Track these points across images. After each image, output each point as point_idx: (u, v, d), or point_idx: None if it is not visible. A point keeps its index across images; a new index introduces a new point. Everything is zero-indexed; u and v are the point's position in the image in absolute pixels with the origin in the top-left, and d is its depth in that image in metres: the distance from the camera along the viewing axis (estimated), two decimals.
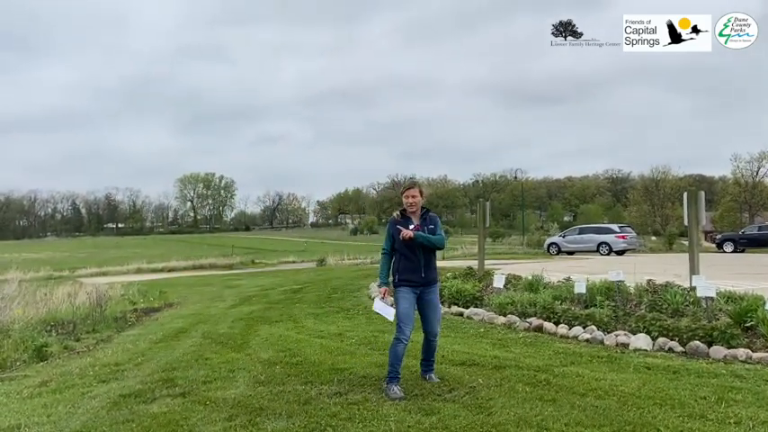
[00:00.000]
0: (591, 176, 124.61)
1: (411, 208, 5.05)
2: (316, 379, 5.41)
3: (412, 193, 5.03)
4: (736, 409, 4.14)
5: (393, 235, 5.01)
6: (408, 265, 4.96)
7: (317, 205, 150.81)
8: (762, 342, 5.88)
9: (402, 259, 4.98)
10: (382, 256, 5.08)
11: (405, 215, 5.07)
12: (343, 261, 31.81)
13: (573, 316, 7.27)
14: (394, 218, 5.08)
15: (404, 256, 4.97)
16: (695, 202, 8.70)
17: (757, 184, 60.73)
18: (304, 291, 14.12)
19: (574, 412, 4.17)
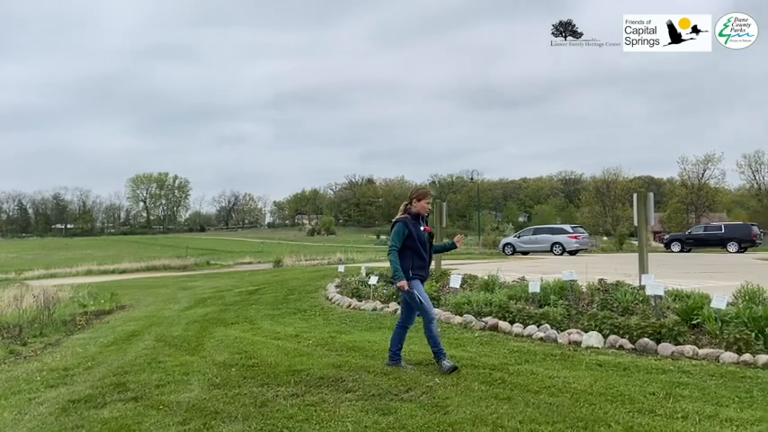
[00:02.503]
0: (545, 178, 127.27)
1: (425, 212, 5.67)
2: (272, 381, 5.35)
3: (430, 200, 5.72)
4: (684, 404, 4.28)
5: (411, 233, 5.46)
6: (420, 263, 5.56)
7: (273, 206, 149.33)
8: (707, 339, 6.10)
9: (416, 257, 5.53)
10: (393, 252, 5.49)
11: (416, 217, 5.59)
12: (301, 262, 31.57)
13: (527, 315, 7.39)
14: (407, 218, 5.55)
15: (417, 254, 5.53)
16: (644, 204, 8.98)
17: (703, 186, 63.13)
18: (260, 292, 13.94)
19: (528, 410, 4.24)
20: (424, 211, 5.62)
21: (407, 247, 5.50)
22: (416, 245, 5.49)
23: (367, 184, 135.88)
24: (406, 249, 5.50)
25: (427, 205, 5.64)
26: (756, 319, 5.92)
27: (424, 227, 5.61)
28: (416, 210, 5.60)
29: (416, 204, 5.61)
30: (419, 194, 5.66)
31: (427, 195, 5.68)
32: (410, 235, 5.47)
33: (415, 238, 5.48)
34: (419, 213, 5.61)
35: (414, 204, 5.62)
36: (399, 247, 5.49)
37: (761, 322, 5.84)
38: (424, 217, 5.68)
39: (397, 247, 5.48)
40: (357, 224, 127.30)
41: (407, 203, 5.67)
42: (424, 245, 5.56)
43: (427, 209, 5.65)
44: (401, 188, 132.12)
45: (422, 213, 5.62)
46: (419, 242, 5.50)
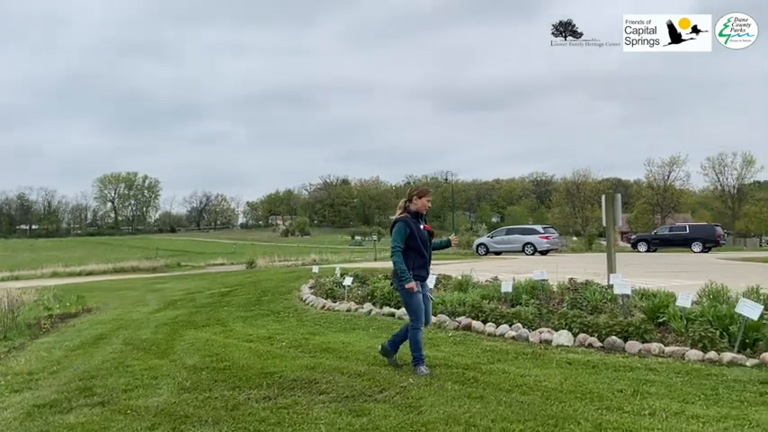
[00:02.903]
0: (517, 179, 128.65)
1: (425, 210, 5.56)
2: (244, 384, 5.30)
3: (430, 198, 5.62)
4: (651, 400, 4.37)
5: (412, 233, 5.38)
6: (420, 262, 5.47)
7: (246, 206, 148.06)
8: (673, 336, 6.23)
9: (417, 257, 5.44)
10: (398, 253, 5.39)
11: (416, 215, 5.51)
12: (274, 263, 31.35)
13: (500, 314, 7.46)
14: (407, 217, 5.47)
15: (418, 253, 5.45)
16: (612, 205, 9.14)
17: (668, 188, 64.52)
18: (232, 294, 13.80)
19: (500, 408, 4.28)
20: (424, 209, 5.53)
21: (409, 248, 5.41)
22: (418, 244, 5.41)
23: (342, 184, 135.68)
24: (407, 249, 5.41)
25: (428, 203, 5.55)
26: (721, 317, 6.06)
27: (423, 225, 5.53)
28: (416, 208, 5.51)
29: (417, 202, 5.51)
30: (420, 192, 5.57)
31: (428, 193, 5.60)
32: (412, 234, 5.39)
33: (417, 237, 5.40)
34: (419, 211, 5.52)
35: (414, 202, 5.52)
36: (403, 247, 5.38)
37: (725, 320, 5.99)
38: (423, 215, 5.59)
39: (400, 248, 5.37)
40: (332, 225, 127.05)
41: (407, 201, 5.58)
42: (425, 244, 5.49)
43: (428, 206, 5.55)
44: (376, 189, 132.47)
45: (421, 211, 5.53)
46: (420, 241, 5.42)
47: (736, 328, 5.77)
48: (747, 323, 5.67)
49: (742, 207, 64.98)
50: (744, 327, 5.68)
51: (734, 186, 66.15)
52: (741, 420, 3.84)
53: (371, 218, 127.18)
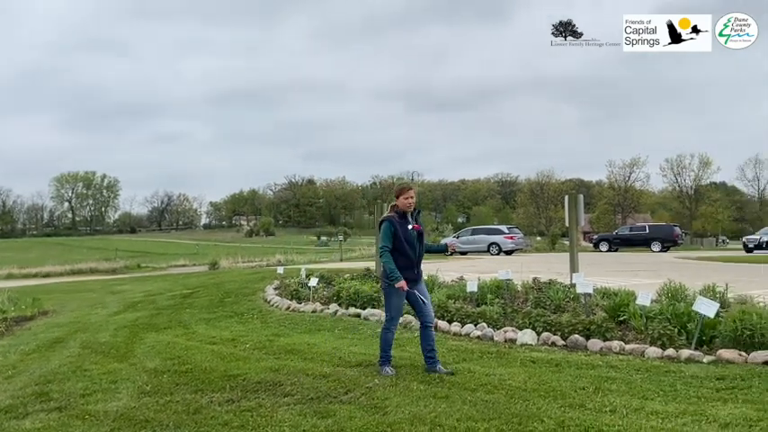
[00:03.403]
0: (482, 180, 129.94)
1: (409, 208, 5.39)
2: (207, 387, 5.21)
3: (412, 194, 5.42)
4: (612, 397, 4.44)
5: (396, 232, 5.28)
6: (405, 263, 5.33)
7: (209, 206, 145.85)
8: (633, 334, 6.36)
9: (400, 257, 5.31)
10: (386, 253, 5.31)
11: (401, 214, 5.38)
12: (238, 264, 30.98)
13: (465, 314, 7.50)
14: (393, 217, 5.36)
15: (403, 254, 5.32)
16: (575, 205, 9.29)
17: (629, 189, 66.07)
18: (195, 295, 13.58)
19: (465, 407, 4.29)
20: (406, 207, 5.38)
21: (393, 248, 5.32)
22: (402, 244, 5.30)
23: (307, 184, 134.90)
24: (392, 249, 5.32)
25: (407, 201, 5.37)
26: (679, 315, 6.21)
27: (412, 225, 5.39)
28: (401, 206, 5.39)
29: (399, 201, 5.40)
30: (399, 190, 5.48)
31: (405, 190, 5.43)
32: (396, 234, 5.29)
33: (401, 237, 5.29)
34: (405, 210, 5.39)
35: (398, 201, 5.42)
36: (391, 246, 5.29)
37: (683, 318, 6.14)
38: (414, 214, 5.46)
39: (388, 248, 5.28)
40: (297, 225, 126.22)
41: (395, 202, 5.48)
42: (412, 244, 5.35)
43: (408, 204, 5.37)
44: (342, 189, 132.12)
45: (407, 210, 5.39)
46: (405, 241, 5.30)
47: (693, 325, 5.92)
48: (704, 321, 5.82)
49: (699, 208, 67.00)
50: (701, 324, 5.83)
51: (691, 187, 68.16)
52: (698, 416, 3.93)
53: (337, 218, 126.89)
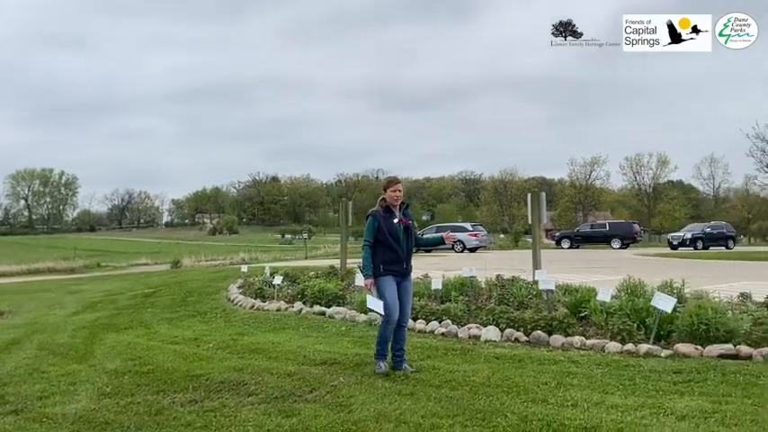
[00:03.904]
0: (447, 177, 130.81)
1: (396, 201, 5.34)
2: (169, 387, 5.12)
3: (399, 188, 5.36)
4: (573, 392, 4.53)
5: (380, 226, 5.24)
6: (392, 257, 5.28)
7: (171, 204, 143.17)
8: (594, 330, 6.50)
9: (387, 251, 5.27)
10: (366, 248, 5.28)
11: (387, 208, 5.34)
12: (201, 262, 30.52)
13: (430, 311, 7.55)
14: (378, 211, 5.32)
15: (389, 248, 5.26)
16: (538, 203, 9.43)
17: (590, 187, 67.38)
18: (156, 294, 13.33)
19: (430, 404, 4.32)
20: (393, 201, 5.33)
21: (378, 242, 5.27)
22: (387, 238, 5.25)
23: (272, 182, 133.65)
24: (377, 244, 5.28)
25: (394, 194, 5.30)
26: (638, 310, 6.37)
27: (399, 218, 5.33)
28: (388, 200, 5.35)
29: (386, 194, 5.35)
30: (386, 183, 5.42)
31: (393, 183, 5.37)
32: (380, 228, 5.25)
33: (386, 231, 5.24)
34: (392, 204, 5.34)
35: (385, 194, 5.37)
36: (371, 241, 5.26)
37: (642, 314, 6.30)
38: (402, 208, 5.41)
39: (368, 242, 5.27)
40: (261, 223, 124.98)
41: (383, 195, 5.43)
42: (397, 238, 5.28)
43: (395, 197, 5.31)
44: (307, 187, 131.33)
45: (394, 203, 5.34)
46: (390, 235, 5.25)
47: (651, 320, 6.08)
48: (662, 316, 5.98)
49: (657, 205, 68.76)
50: (659, 319, 5.99)
51: (650, 185, 69.87)
52: (657, 409, 4.04)
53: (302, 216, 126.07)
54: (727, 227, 35.36)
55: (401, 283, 5.37)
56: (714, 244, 32.32)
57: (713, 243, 32.40)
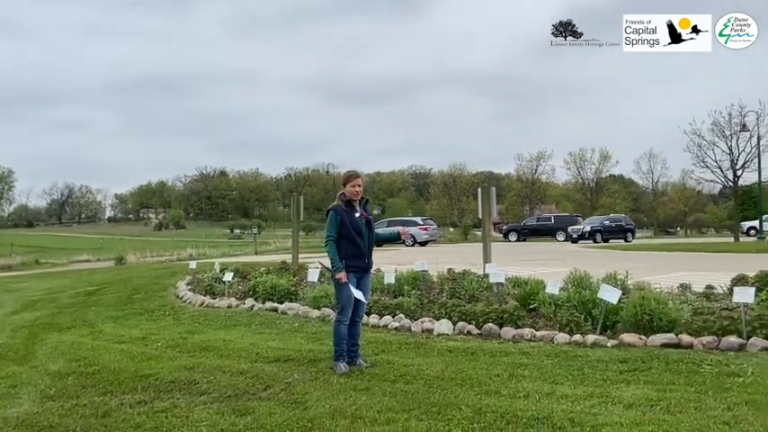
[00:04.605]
0: (397, 172, 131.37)
1: (356, 196, 5.33)
2: (116, 388, 4.97)
3: (359, 182, 5.36)
4: (525, 383, 4.63)
5: (343, 221, 5.21)
6: (355, 252, 5.27)
7: (115, 199, 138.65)
8: (543, 321, 6.65)
9: (350, 246, 5.25)
10: (330, 243, 5.25)
11: (348, 203, 5.31)
12: (147, 258, 29.68)
13: (383, 306, 7.57)
14: (339, 206, 5.29)
15: (352, 242, 5.25)
16: (487, 197, 9.58)
17: (536, 181, 68.95)
18: (101, 292, 12.89)
19: (385, 399, 4.34)
20: (352, 196, 5.31)
21: (341, 236, 5.24)
22: (350, 233, 5.23)
23: (220, 176, 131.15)
24: (340, 238, 5.25)
25: (354, 189, 5.30)
26: (585, 302, 6.56)
27: (360, 213, 5.33)
28: (348, 195, 5.33)
29: (346, 189, 5.33)
30: (346, 178, 5.39)
31: (352, 178, 5.35)
32: (342, 223, 5.22)
33: (348, 225, 5.22)
34: (352, 198, 5.33)
35: (345, 189, 5.35)
36: (335, 236, 5.23)
37: (588, 305, 6.49)
38: (363, 203, 5.41)
39: (332, 237, 5.23)
40: (209, 218, 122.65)
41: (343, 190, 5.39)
42: (360, 232, 5.28)
43: (355, 192, 5.30)
44: (256, 181, 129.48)
45: (354, 198, 5.32)
46: (354, 230, 5.24)
47: (598, 311, 6.27)
48: (608, 307, 6.18)
49: (599, 199, 70.93)
50: (604, 310, 6.18)
51: (592, 180, 72.08)
52: (604, 398, 4.17)
53: (251, 210, 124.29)
54: (626, 219, 36.10)
55: (361, 279, 5.38)
56: (613, 237, 32.84)
57: (612, 236, 32.90)
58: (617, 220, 35.79)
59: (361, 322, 5.65)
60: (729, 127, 32.43)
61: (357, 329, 5.46)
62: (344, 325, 5.31)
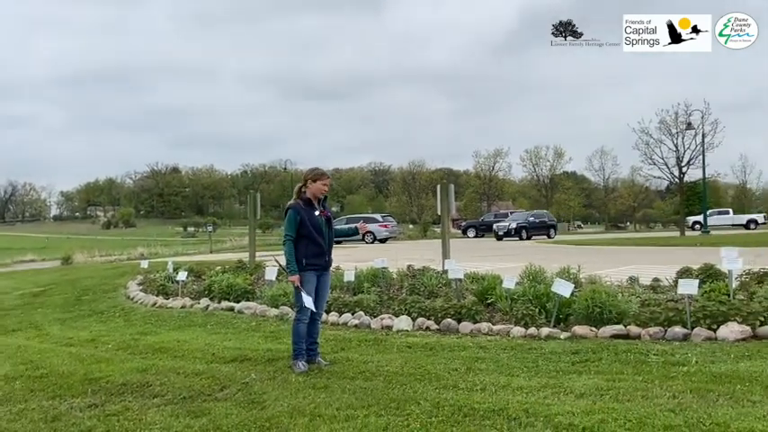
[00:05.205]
0: (356, 168, 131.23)
1: (323, 195, 5.30)
2: (65, 392, 4.80)
3: (329, 182, 5.39)
4: (482, 376, 4.69)
5: (303, 220, 5.13)
6: (316, 250, 5.19)
7: (61, 196, 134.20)
8: (500, 316, 6.76)
9: (310, 245, 5.17)
10: (288, 242, 5.15)
11: (308, 201, 5.22)
12: (95, 258, 28.78)
13: (343, 303, 7.55)
14: (298, 204, 5.20)
15: (313, 241, 5.17)
16: (446, 194, 9.67)
17: (493, 178, 70.09)
18: (47, 294, 12.46)
19: (344, 396, 4.32)
20: (320, 194, 5.25)
21: (302, 236, 5.14)
22: (311, 231, 5.14)
23: (172, 172, 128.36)
24: (300, 237, 5.14)
25: (323, 186, 5.26)
26: (539, 296, 6.70)
27: (320, 211, 5.25)
28: (311, 192, 5.22)
29: (312, 186, 5.22)
30: (315, 175, 5.25)
31: (323, 176, 5.28)
32: (303, 222, 5.12)
33: (309, 224, 5.13)
34: (315, 196, 5.24)
35: (309, 186, 5.22)
36: (294, 235, 5.13)
37: (543, 299, 6.62)
38: (321, 200, 5.32)
39: (291, 237, 5.12)
40: (161, 216, 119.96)
41: (302, 185, 5.28)
42: (320, 231, 5.21)
43: (323, 191, 5.27)
44: (210, 178, 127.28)
45: (318, 196, 5.25)
46: (314, 228, 5.15)
47: (552, 305, 6.41)
48: (561, 300, 6.33)
49: (554, 195, 72.59)
50: (558, 304, 6.32)
51: (547, 176, 73.71)
52: (557, 388, 4.26)
53: (206, 208, 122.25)
54: (548, 216, 36.03)
55: (321, 277, 5.33)
56: (537, 233, 32.54)
57: (536, 232, 32.63)
58: (540, 216, 35.52)
59: (321, 320, 5.61)
60: (675, 125, 33.73)
61: (316, 328, 5.42)
62: (304, 323, 5.25)
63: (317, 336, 5.42)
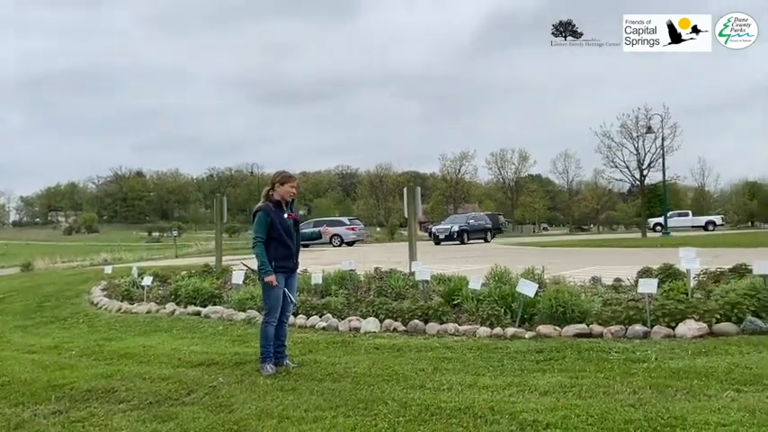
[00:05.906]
0: (323, 172, 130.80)
1: (291, 197, 5.35)
2: (28, 399, 4.71)
3: (296, 184, 5.43)
4: (449, 376, 4.76)
5: (273, 222, 5.16)
6: (285, 253, 5.25)
7: (20, 201, 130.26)
8: (466, 316, 6.85)
9: (279, 247, 5.22)
10: (259, 244, 5.18)
11: (278, 204, 5.26)
12: (57, 264, 28.07)
13: (310, 306, 7.56)
14: (268, 206, 5.23)
15: (282, 244, 5.22)
16: (413, 197, 9.74)
17: (459, 180, 70.73)
18: (7, 301, 12.13)
19: (312, 398, 4.35)
20: (287, 196, 5.30)
21: (271, 238, 5.18)
22: (281, 234, 5.18)
23: (136, 177, 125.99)
24: (270, 240, 5.18)
25: (291, 189, 5.31)
26: (504, 296, 6.82)
27: (288, 213, 5.31)
28: (279, 195, 5.26)
29: (279, 189, 5.26)
30: (282, 178, 5.30)
31: (291, 179, 5.34)
32: (273, 224, 5.16)
33: (279, 226, 5.17)
34: (283, 199, 5.28)
35: (276, 189, 5.26)
36: (264, 237, 5.16)
37: (508, 299, 6.75)
38: (289, 203, 5.37)
39: (261, 239, 5.15)
40: (125, 220, 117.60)
41: (269, 189, 5.30)
42: (289, 233, 5.26)
43: (291, 194, 5.33)
44: (175, 182, 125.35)
45: (285, 199, 5.30)
46: (283, 230, 5.20)
47: (517, 305, 6.53)
48: (526, 300, 6.46)
49: (519, 198, 73.60)
50: (523, 304, 6.45)
51: (513, 179, 74.65)
52: (522, 387, 4.36)
53: (170, 212, 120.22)
54: (485, 219, 35.23)
55: (289, 279, 5.36)
56: (475, 236, 32.00)
57: (475, 235, 32.04)
58: (479, 218, 34.84)
59: (288, 323, 5.63)
60: (636, 129, 34.61)
61: (284, 330, 5.43)
62: (272, 326, 5.27)
63: (284, 338, 5.43)
